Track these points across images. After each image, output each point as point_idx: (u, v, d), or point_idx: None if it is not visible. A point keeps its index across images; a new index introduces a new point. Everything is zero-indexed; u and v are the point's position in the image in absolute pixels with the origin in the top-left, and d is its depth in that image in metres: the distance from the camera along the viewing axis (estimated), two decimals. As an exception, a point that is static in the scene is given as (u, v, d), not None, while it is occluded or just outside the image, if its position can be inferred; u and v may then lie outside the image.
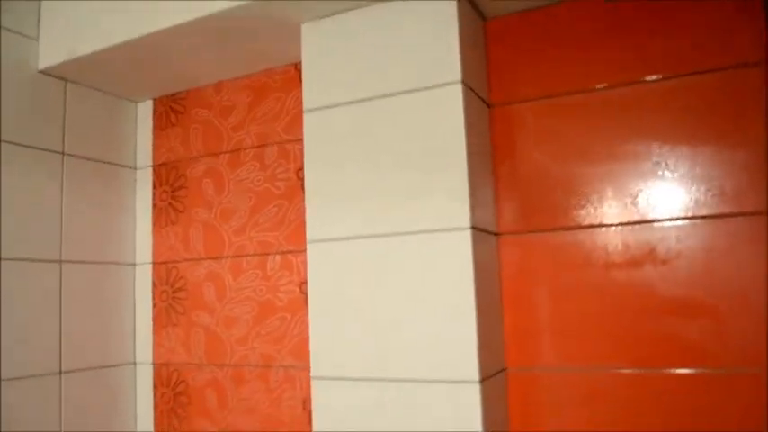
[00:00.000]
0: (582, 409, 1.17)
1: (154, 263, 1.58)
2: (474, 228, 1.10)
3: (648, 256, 1.14)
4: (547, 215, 1.22)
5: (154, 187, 1.61)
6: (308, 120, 1.25)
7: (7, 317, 1.31)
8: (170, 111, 1.61)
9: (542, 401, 1.20)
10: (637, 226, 1.15)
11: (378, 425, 1.12)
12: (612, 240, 1.17)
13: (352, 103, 1.20)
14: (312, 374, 1.19)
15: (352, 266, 1.17)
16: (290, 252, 1.40)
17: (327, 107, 1.22)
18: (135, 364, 1.60)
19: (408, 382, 1.11)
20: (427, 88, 1.14)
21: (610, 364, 1.15)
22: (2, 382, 1.29)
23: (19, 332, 1.33)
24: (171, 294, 1.55)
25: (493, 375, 1.13)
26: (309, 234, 1.22)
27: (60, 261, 1.44)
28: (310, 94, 1.25)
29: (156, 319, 1.57)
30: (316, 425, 1.18)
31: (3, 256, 1.31)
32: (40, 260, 1.39)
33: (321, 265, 1.20)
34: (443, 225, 1.10)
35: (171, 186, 1.58)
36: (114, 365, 1.55)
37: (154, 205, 1.60)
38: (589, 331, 1.17)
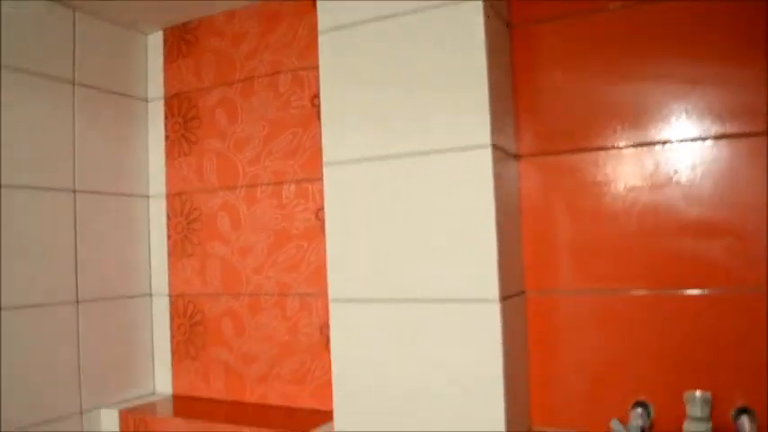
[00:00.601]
0: (600, 332, 1.16)
1: (168, 194, 1.57)
2: (494, 146, 1.08)
3: (669, 176, 1.12)
4: (567, 137, 1.20)
5: (166, 119, 1.59)
6: (323, 41, 1.21)
7: (22, 244, 1.30)
8: (181, 41, 1.58)
9: (560, 324, 1.19)
10: (658, 146, 1.12)
11: (397, 346, 1.12)
12: (633, 161, 1.15)
13: (369, 21, 1.17)
14: (330, 297, 1.19)
15: (371, 188, 1.15)
16: (306, 180, 1.39)
17: (344, 26, 1.19)
18: (151, 295, 1.60)
19: (428, 302, 1.10)
20: (447, 5, 1.11)
21: (629, 286, 1.15)
22: (18, 309, 1.29)
23: (34, 260, 1.33)
24: (185, 225, 1.54)
25: (512, 296, 1.13)
26: (326, 156, 1.20)
27: (74, 191, 1.43)
28: (325, 13, 1.21)
29: (171, 250, 1.57)
30: (334, 348, 1.19)
31: (15, 184, 1.30)
32: (53, 188, 1.38)
33: (338, 187, 1.19)
34: (463, 143, 1.09)
35: (183, 117, 1.56)
36: (130, 297, 1.55)
37: (166, 137, 1.58)
38: (608, 254, 1.16)
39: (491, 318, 1.06)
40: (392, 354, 1.13)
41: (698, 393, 1.08)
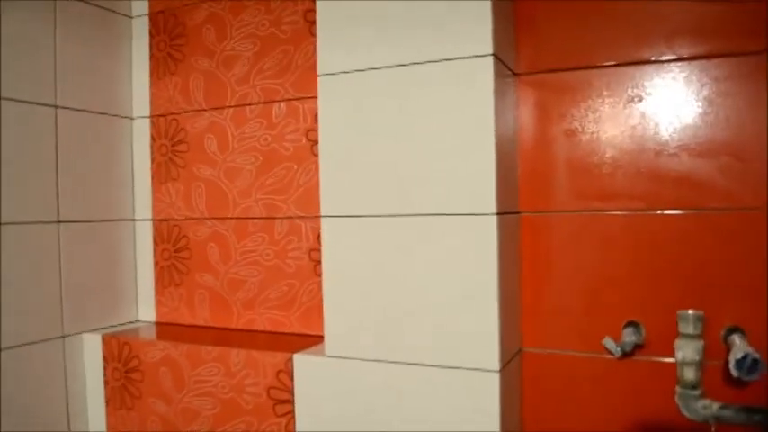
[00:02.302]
0: (593, 252, 1.15)
1: (152, 116, 1.52)
2: (496, 57, 1.04)
3: (667, 96, 1.10)
4: (565, 55, 1.17)
5: (151, 36, 1.53)
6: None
7: (2, 159, 1.25)
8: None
9: (554, 244, 1.18)
10: (655, 65, 1.10)
11: (390, 263, 1.10)
12: (630, 80, 1.12)
13: None
14: (322, 213, 1.16)
15: (367, 100, 1.12)
16: (297, 99, 1.34)
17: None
18: (134, 220, 1.56)
19: (424, 216, 1.08)
20: None
21: (624, 205, 1.13)
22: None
23: (14, 177, 1.28)
24: (170, 148, 1.50)
25: (508, 213, 1.11)
26: (321, 68, 1.16)
27: (56, 107, 1.37)
28: None
29: (154, 173, 1.52)
30: (325, 267, 1.16)
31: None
32: (33, 102, 1.32)
33: (333, 100, 1.15)
34: (465, 53, 1.05)
35: (169, 35, 1.50)
36: (112, 220, 1.51)
37: (151, 55, 1.53)
38: (604, 174, 1.14)
39: (487, 233, 1.04)
40: (385, 271, 1.11)
41: (690, 312, 1.08)
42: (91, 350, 1.41)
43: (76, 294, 1.41)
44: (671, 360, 1.09)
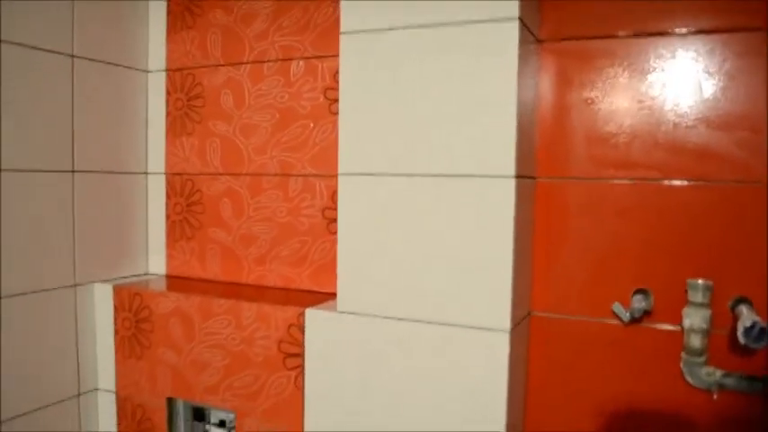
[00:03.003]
0: (605, 220, 1.17)
1: (167, 69, 1.52)
2: (521, 20, 1.05)
3: (685, 68, 1.10)
4: (587, 23, 1.17)
5: (167, -3, 1.51)
6: None
7: (17, 108, 1.25)
8: None
9: (567, 211, 1.20)
10: (686, 37, 1.10)
11: (406, 223, 1.11)
12: (652, 51, 1.13)
13: None
14: (340, 171, 1.17)
15: (390, 62, 1.12)
16: (316, 57, 1.34)
17: None
18: (147, 173, 1.56)
19: (441, 177, 1.09)
20: None
21: (637, 174, 1.14)
22: (11, 173, 1.24)
23: (31, 125, 1.28)
24: (186, 102, 1.50)
25: (524, 177, 1.12)
26: (344, 25, 1.16)
27: (72, 56, 1.36)
28: None
29: (169, 127, 1.52)
30: (341, 224, 1.17)
31: (12, 40, 1.23)
32: (50, 50, 1.31)
33: (355, 60, 1.15)
34: (491, 15, 1.05)
35: (187, -9, 1.49)
36: (125, 172, 1.51)
37: (169, 9, 1.52)
38: (623, 141, 1.15)
39: (505, 195, 1.05)
40: (400, 230, 1.12)
41: (700, 281, 1.10)
42: (102, 300, 1.43)
43: (89, 244, 1.42)
44: (677, 328, 1.11)
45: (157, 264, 1.56)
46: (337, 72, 1.30)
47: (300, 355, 1.21)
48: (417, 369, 1.12)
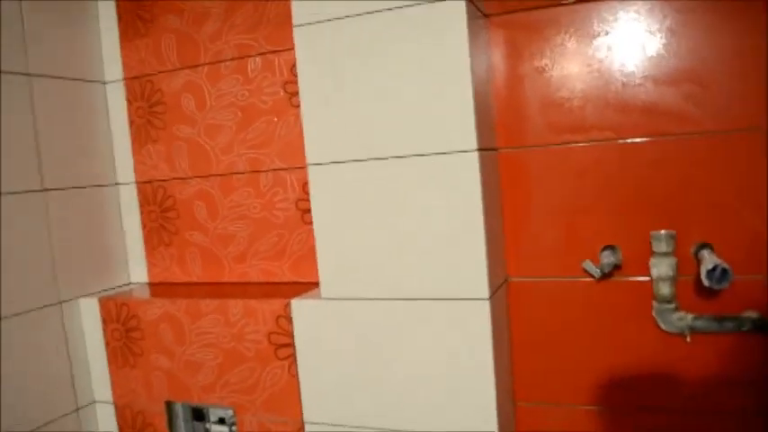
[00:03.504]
0: (568, 182, 1.21)
1: (125, 78, 1.52)
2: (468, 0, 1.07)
3: (634, 29, 1.14)
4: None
5: (116, -2, 1.51)
6: None
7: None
8: None
9: (531, 177, 1.24)
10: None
11: (378, 204, 1.15)
12: (596, 16, 1.16)
13: None
14: (308, 161, 1.19)
15: (345, 50, 1.14)
16: (272, 52, 1.36)
17: None
18: (117, 184, 1.57)
19: (407, 157, 1.12)
20: None
21: (595, 136, 1.19)
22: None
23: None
24: (147, 110, 1.50)
25: (487, 150, 1.15)
26: (296, 18, 1.18)
27: (29, 75, 1.36)
28: None
29: (134, 137, 1.53)
30: (315, 212, 1.20)
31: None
32: (6, 72, 1.31)
33: (311, 51, 1.17)
34: (437, -4, 1.07)
35: (135, -4, 1.49)
36: (95, 185, 1.52)
37: (119, 17, 1.51)
38: (577, 105, 1.19)
39: (470, 168, 1.09)
40: (372, 213, 1.15)
41: (663, 232, 1.15)
42: (89, 314, 1.45)
43: (68, 261, 1.44)
44: (647, 278, 1.17)
45: (138, 273, 1.58)
46: (294, 65, 1.32)
47: (291, 345, 1.25)
48: (404, 344, 1.16)
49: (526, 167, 1.23)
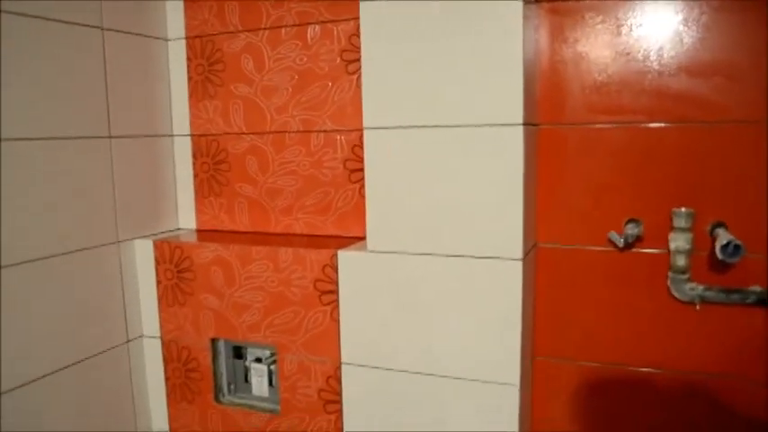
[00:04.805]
0: (600, 159, 1.33)
1: (187, 37, 1.62)
2: (526, -17, 1.18)
3: (672, 22, 1.25)
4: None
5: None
6: None
7: (53, 82, 1.35)
8: None
9: (566, 152, 1.35)
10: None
11: (427, 169, 1.26)
12: (639, 8, 1.27)
13: None
14: (365, 125, 1.30)
15: (407, 27, 1.24)
16: (331, 21, 1.46)
17: None
18: (173, 136, 1.68)
19: (458, 127, 1.24)
20: None
21: (629, 118, 1.30)
22: (57, 141, 1.36)
23: (70, 99, 1.39)
24: (207, 67, 1.61)
25: (529, 125, 1.26)
26: (363, -8, 1.28)
27: (102, 29, 1.46)
28: None
29: (192, 92, 1.63)
30: (368, 172, 1.32)
31: (45, 16, 1.33)
32: (79, 24, 1.41)
33: (376, 24, 1.27)
34: (497, -21, 1.18)
35: (201, -41, 1.58)
36: (154, 135, 1.63)
37: (185, -23, 1.61)
38: (614, 89, 1.30)
39: (514, 141, 1.20)
40: (422, 176, 1.27)
41: (683, 209, 1.27)
42: (143, 254, 1.56)
43: (127, 205, 1.55)
44: (665, 251, 1.29)
45: (187, 219, 1.70)
46: (352, 35, 1.42)
47: (335, 292, 1.37)
48: (442, 297, 1.28)
49: (563, 143, 1.35)
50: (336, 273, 1.36)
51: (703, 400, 1.31)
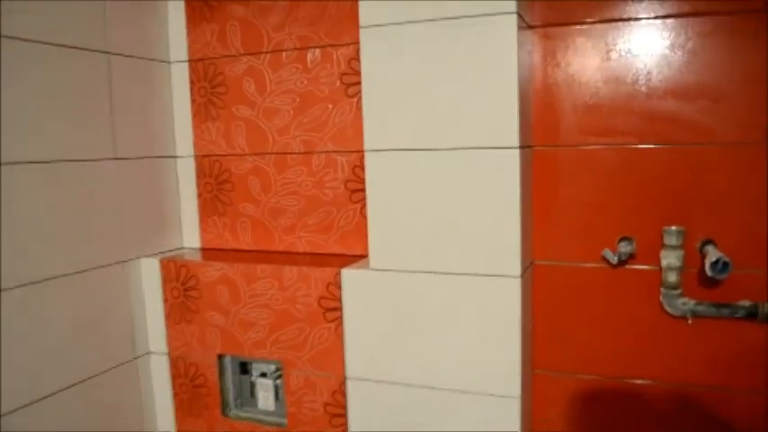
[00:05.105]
0: (593, 180, 1.38)
1: (190, 60, 1.66)
2: (518, 14, 1.23)
3: (660, 48, 1.30)
4: (570, 10, 1.35)
5: (186, -14, 1.64)
6: None
7: (63, 104, 1.40)
8: None
9: (560, 173, 1.40)
10: (656, 20, 1.30)
11: (426, 189, 1.31)
12: (628, 34, 1.32)
13: None
14: (366, 148, 1.35)
15: (405, 51, 1.29)
16: (331, 45, 1.50)
17: None
18: (176, 157, 1.72)
19: (456, 150, 1.28)
20: None
21: (620, 140, 1.35)
22: (66, 163, 1.40)
23: (79, 123, 1.43)
24: (209, 90, 1.65)
25: (525, 147, 1.32)
26: (363, 20, 1.32)
27: (107, 53, 1.50)
28: None
29: (195, 114, 1.67)
30: (369, 194, 1.36)
31: (47, 41, 1.37)
32: (85, 48, 1.45)
33: (375, 51, 1.32)
34: (492, 10, 1.23)
35: (203, -15, 1.62)
36: (158, 157, 1.67)
37: (187, 4, 1.65)
38: (605, 112, 1.35)
39: (511, 163, 1.25)
40: (422, 197, 1.32)
41: (674, 227, 1.32)
42: (149, 272, 1.60)
43: (133, 225, 1.59)
44: (656, 268, 1.34)
45: (191, 238, 1.74)
46: (351, 59, 1.47)
47: (339, 309, 1.41)
48: (443, 313, 1.33)
49: (557, 164, 1.40)
50: (340, 290, 1.41)
51: (696, 411, 1.36)
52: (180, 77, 1.68)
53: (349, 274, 1.40)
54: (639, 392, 1.40)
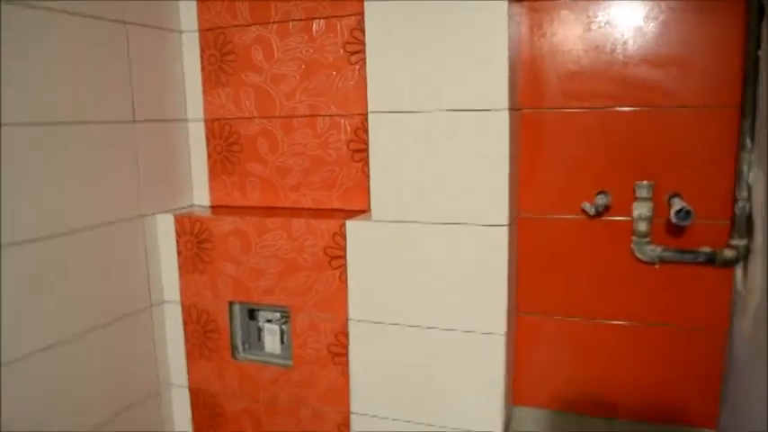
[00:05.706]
0: (572, 139, 1.53)
1: (200, 29, 1.77)
2: (510, -14, 1.36)
3: (635, 20, 1.45)
4: (561, -17, 1.49)
5: (197, -42, 1.75)
6: None
7: (91, 72, 1.51)
8: None
9: (545, 134, 1.55)
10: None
11: (424, 150, 1.45)
12: (607, 7, 1.47)
13: None
14: (370, 109, 1.49)
15: (406, 21, 1.42)
16: (335, 17, 1.63)
17: None
18: (187, 120, 1.84)
19: (451, 111, 1.42)
20: None
21: (598, 103, 1.50)
22: (89, 125, 1.51)
23: (102, 87, 1.54)
24: (219, 58, 1.77)
25: (514, 109, 1.46)
26: (367, -8, 1.45)
27: (125, 23, 1.61)
28: None
29: (205, 80, 1.79)
30: (372, 150, 1.50)
31: (71, 10, 1.48)
32: (102, 18, 1.56)
33: (380, 21, 1.45)
34: (486, -17, 1.36)
35: (213, -42, 1.73)
36: (172, 120, 1.78)
37: (198, -24, 1.76)
38: (585, 78, 1.50)
39: (500, 124, 1.39)
40: (419, 153, 1.45)
41: (645, 182, 1.48)
42: (165, 227, 1.73)
43: (148, 182, 1.71)
44: (629, 218, 1.50)
45: (201, 196, 1.86)
46: (354, 29, 1.60)
47: (343, 257, 1.56)
48: (438, 259, 1.47)
49: (541, 125, 1.55)
50: (345, 240, 1.55)
51: (663, 347, 1.53)
52: (191, 46, 1.79)
53: (353, 225, 1.54)
54: (612, 331, 1.56)
